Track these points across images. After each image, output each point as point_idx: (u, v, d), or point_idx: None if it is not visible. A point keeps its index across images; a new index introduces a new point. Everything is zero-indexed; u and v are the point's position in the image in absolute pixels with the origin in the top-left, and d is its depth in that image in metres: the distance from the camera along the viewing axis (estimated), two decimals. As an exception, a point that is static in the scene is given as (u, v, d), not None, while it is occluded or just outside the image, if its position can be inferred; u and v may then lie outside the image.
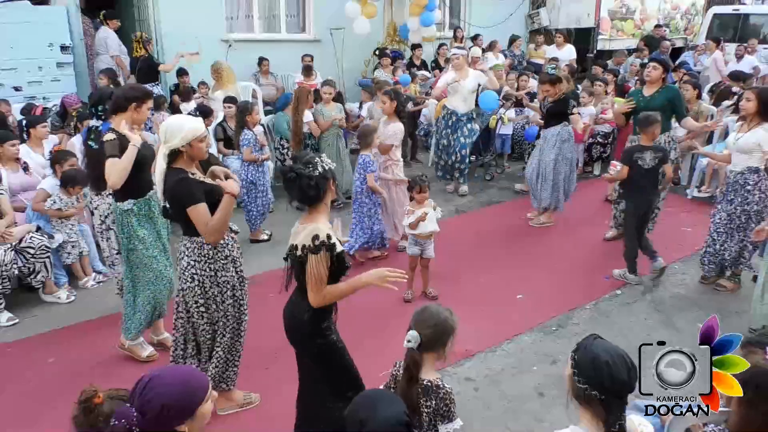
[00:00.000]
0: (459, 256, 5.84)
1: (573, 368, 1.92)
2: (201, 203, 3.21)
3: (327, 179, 2.76)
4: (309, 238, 2.69)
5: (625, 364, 1.86)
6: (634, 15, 14.31)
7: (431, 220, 4.88)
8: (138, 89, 4.17)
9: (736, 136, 4.85)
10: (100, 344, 4.35)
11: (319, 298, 2.73)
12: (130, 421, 1.76)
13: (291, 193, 2.79)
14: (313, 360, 2.93)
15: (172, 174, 3.26)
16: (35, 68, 8.37)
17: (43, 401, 3.79)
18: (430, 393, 2.40)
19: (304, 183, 2.70)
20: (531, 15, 13.86)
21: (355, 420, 1.98)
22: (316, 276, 2.70)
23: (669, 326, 4.65)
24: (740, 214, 4.91)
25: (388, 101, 5.89)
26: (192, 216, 3.21)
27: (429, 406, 2.39)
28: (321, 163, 2.75)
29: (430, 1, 10.60)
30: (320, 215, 2.79)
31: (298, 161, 2.77)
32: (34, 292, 5.06)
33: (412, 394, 2.38)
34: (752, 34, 13.10)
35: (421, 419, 2.39)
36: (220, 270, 3.37)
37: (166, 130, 3.25)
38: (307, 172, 2.70)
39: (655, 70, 5.82)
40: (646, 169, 5.11)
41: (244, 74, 9.60)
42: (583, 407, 1.92)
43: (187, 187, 3.23)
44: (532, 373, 4.09)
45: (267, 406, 3.71)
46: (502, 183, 8.21)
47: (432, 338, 2.39)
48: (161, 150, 3.28)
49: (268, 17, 10.75)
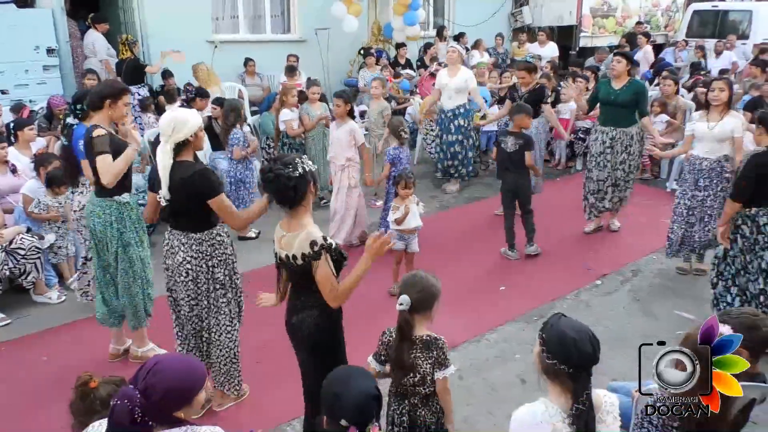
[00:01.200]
0: (444, 251, 5.96)
1: (542, 346, 2.04)
2: (222, 192, 3.26)
3: (307, 181, 2.73)
4: (307, 246, 2.68)
5: (588, 339, 1.98)
6: (615, 12, 14.51)
7: (414, 216, 5.00)
8: (111, 85, 4.09)
9: (710, 125, 4.99)
10: (93, 343, 4.42)
11: (338, 300, 2.75)
12: (133, 402, 1.76)
13: (270, 194, 2.79)
14: (320, 358, 2.89)
15: (184, 167, 3.23)
16: (21, 71, 8.40)
17: (37, 400, 3.85)
18: (431, 345, 2.67)
19: (282, 184, 2.68)
20: (514, 13, 14.03)
21: (329, 394, 2.14)
22: (328, 280, 2.69)
23: (647, 314, 4.81)
24: (715, 199, 5.09)
25: (342, 104, 5.83)
26: (217, 206, 3.24)
27: (431, 356, 2.67)
28: (301, 164, 2.72)
29: (413, 0, 10.72)
30: (302, 217, 2.77)
31: (279, 161, 2.74)
32: (26, 293, 5.12)
33: (404, 351, 2.65)
34: (731, 30, 13.35)
35: (416, 372, 2.65)
36: (216, 267, 3.41)
37: (173, 124, 3.22)
38: (287, 172, 2.67)
39: (618, 63, 5.97)
40: (508, 153, 5.62)
41: (230, 75, 9.67)
42: (552, 382, 2.04)
43: (209, 177, 3.27)
44: (515, 361, 4.22)
45: (259, 399, 3.80)
46: (487, 180, 8.34)
47: (421, 300, 2.65)
48: (164, 145, 3.24)
49: (254, 18, 10.82)
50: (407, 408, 2.74)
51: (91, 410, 2.11)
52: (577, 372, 1.96)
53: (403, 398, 2.75)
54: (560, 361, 1.96)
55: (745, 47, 12.65)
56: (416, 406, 2.73)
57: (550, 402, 2.01)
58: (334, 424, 2.09)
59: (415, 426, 2.74)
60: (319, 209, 7.23)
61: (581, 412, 1.95)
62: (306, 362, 2.99)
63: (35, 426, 3.64)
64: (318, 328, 2.85)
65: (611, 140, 6.03)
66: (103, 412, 2.03)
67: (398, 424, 2.76)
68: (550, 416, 1.98)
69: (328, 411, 2.13)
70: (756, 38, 12.86)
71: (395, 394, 2.79)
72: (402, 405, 2.76)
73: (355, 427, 2.06)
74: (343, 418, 2.06)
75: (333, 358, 2.86)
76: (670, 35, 15.46)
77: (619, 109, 5.95)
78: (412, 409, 2.74)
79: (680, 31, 14.67)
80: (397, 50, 11.03)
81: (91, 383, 2.10)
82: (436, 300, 2.71)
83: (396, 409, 2.78)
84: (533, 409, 2.03)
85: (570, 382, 1.97)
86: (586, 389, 1.97)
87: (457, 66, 7.39)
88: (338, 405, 2.09)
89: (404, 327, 2.66)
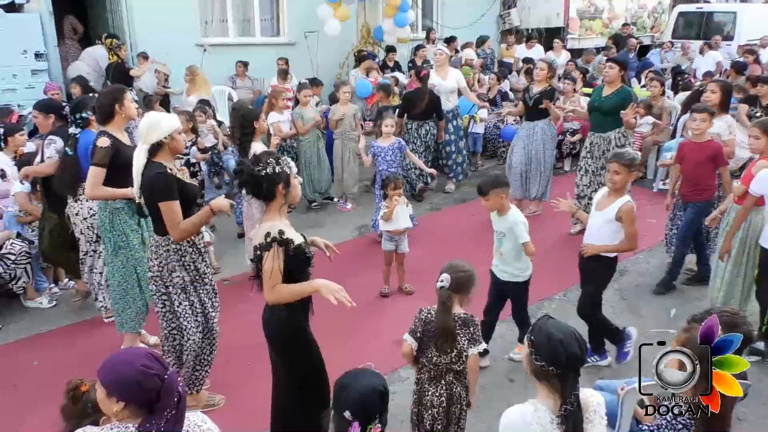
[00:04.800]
0: (434, 252, 5.99)
1: (530, 348, 2.08)
2: (174, 200, 3.27)
3: (274, 182, 2.73)
4: (262, 237, 2.73)
5: (575, 340, 2.03)
6: (602, 14, 14.66)
7: (404, 216, 5.05)
8: (112, 90, 4.15)
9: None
10: (84, 346, 4.43)
11: (273, 294, 2.73)
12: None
13: (239, 186, 2.82)
14: (285, 360, 2.95)
15: (151, 167, 3.32)
16: (9, 76, 8.40)
17: (28, 404, 3.86)
18: (468, 323, 2.92)
19: (245, 178, 2.73)
20: (502, 15, 14.13)
21: (337, 385, 2.26)
22: (267, 271, 2.69)
23: (634, 313, 4.88)
24: None
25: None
26: (163, 210, 3.26)
27: (468, 332, 2.91)
28: (274, 165, 2.73)
29: (402, 3, 10.76)
30: (272, 213, 2.80)
31: (254, 158, 2.80)
32: (16, 298, 5.12)
33: (449, 322, 2.87)
34: (716, 31, 13.52)
35: (454, 347, 2.87)
36: (173, 271, 3.41)
37: (147, 126, 3.31)
38: (253, 170, 2.71)
39: (611, 69, 6.05)
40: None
41: (220, 78, 9.68)
42: (540, 383, 2.08)
43: (164, 181, 3.29)
44: (504, 361, 4.27)
45: (247, 402, 3.81)
46: (475, 181, 8.36)
47: (461, 281, 2.92)
48: (141, 146, 3.33)
49: (243, 21, 10.84)
50: (444, 388, 2.93)
51: (83, 413, 2.14)
52: (565, 373, 2.00)
53: (439, 379, 2.93)
54: (549, 363, 2.00)
55: (729, 48, 12.81)
56: (451, 384, 2.94)
57: (540, 403, 2.05)
58: (339, 416, 2.16)
59: (452, 403, 2.94)
60: (309, 212, 7.28)
61: (570, 413, 1.99)
62: (273, 361, 3.06)
63: (28, 428, 3.64)
64: (279, 326, 2.88)
65: (590, 145, 6.16)
66: (94, 416, 2.06)
67: (437, 405, 2.93)
68: (539, 417, 2.02)
69: (335, 402, 2.23)
70: (740, 39, 13.06)
71: (429, 380, 2.95)
72: (438, 386, 2.93)
73: (357, 423, 2.12)
74: (348, 409, 2.14)
75: (300, 358, 2.91)
76: (657, 36, 15.62)
77: (602, 115, 6.05)
78: (449, 387, 2.93)
79: (666, 32, 14.83)
80: (387, 53, 11.06)
81: (82, 387, 2.13)
82: (473, 284, 2.97)
83: (434, 392, 2.94)
84: (523, 410, 2.07)
85: (558, 383, 2.01)
86: (574, 390, 2.01)
87: (445, 68, 7.46)
88: (344, 396, 2.18)
89: (446, 302, 2.88)
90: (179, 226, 3.27)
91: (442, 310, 2.90)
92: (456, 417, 2.98)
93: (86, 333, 4.63)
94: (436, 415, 2.93)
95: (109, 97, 4.00)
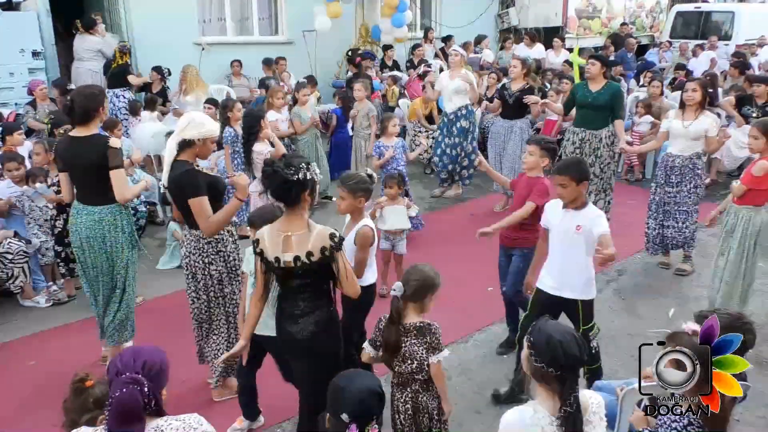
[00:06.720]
0: (431, 252, 5.98)
1: (530, 349, 2.07)
2: (203, 196, 3.35)
3: (304, 188, 2.69)
4: (327, 239, 2.68)
5: (575, 341, 2.03)
6: (600, 14, 14.65)
7: (398, 217, 5.05)
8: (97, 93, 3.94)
9: (685, 123, 5.14)
10: (81, 347, 4.41)
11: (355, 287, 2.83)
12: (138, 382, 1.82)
13: (266, 186, 2.77)
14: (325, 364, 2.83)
15: (177, 165, 3.40)
16: (6, 74, 8.37)
17: (25, 403, 3.85)
18: (424, 331, 2.84)
19: (277, 181, 2.66)
20: (500, 15, 14.13)
21: (333, 387, 2.23)
22: (351, 270, 2.82)
23: (631, 313, 4.88)
24: (689, 195, 5.25)
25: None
26: (193, 207, 3.35)
27: (425, 342, 2.83)
28: (305, 170, 2.67)
29: (400, 2, 10.75)
30: (303, 216, 2.75)
31: (285, 159, 2.72)
32: (13, 297, 5.10)
33: (392, 333, 2.83)
34: (713, 31, 13.54)
35: (413, 358, 2.81)
36: (211, 264, 3.52)
37: (188, 121, 3.41)
38: (285, 173, 2.63)
39: (593, 66, 6.07)
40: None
41: (218, 77, 9.67)
42: (540, 384, 2.07)
43: (193, 178, 3.38)
44: (502, 361, 4.27)
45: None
46: (474, 180, 8.37)
47: (414, 289, 2.83)
48: (174, 138, 3.40)
49: (241, 20, 10.83)
50: (410, 395, 2.89)
51: (84, 408, 2.14)
52: (564, 374, 1.99)
53: (405, 387, 2.89)
54: (548, 365, 2.00)
55: (727, 48, 12.83)
56: (417, 393, 2.89)
57: (539, 405, 2.05)
58: (336, 419, 2.15)
59: (417, 411, 2.89)
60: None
61: (569, 414, 1.99)
62: (308, 371, 2.90)
63: (25, 428, 3.63)
64: (328, 334, 2.86)
65: (580, 141, 6.13)
66: (95, 412, 2.06)
67: (402, 412, 2.90)
68: (538, 419, 2.02)
69: (331, 405, 2.22)
70: (738, 39, 13.08)
71: (397, 385, 2.92)
72: (404, 393, 2.90)
73: (355, 425, 2.11)
74: (345, 411, 2.13)
75: (336, 362, 2.87)
76: (656, 36, 15.63)
77: (593, 112, 6.04)
78: (414, 396, 2.89)
79: (664, 32, 14.85)
80: (385, 52, 11.06)
81: (88, 381, 2.14)
82: (430, 292, 2.86)
83: (399, 398, 2.91)
84: (522, 412, 2.07)
85: (558, 385, 2.00)
86: (573, 391, 2.00)
87: (459, 69, 7.34)
88: (341, 398, 2.18)
89: (394, 312, 2.85)
90: (209, 219, 3.37)
91: (389, 321, 2.86)
92: (426, 426, 2.89)
93: (84, 333, 4.61)
94: (403, 420, 2.90)
95: (94, 102, 3.83)
